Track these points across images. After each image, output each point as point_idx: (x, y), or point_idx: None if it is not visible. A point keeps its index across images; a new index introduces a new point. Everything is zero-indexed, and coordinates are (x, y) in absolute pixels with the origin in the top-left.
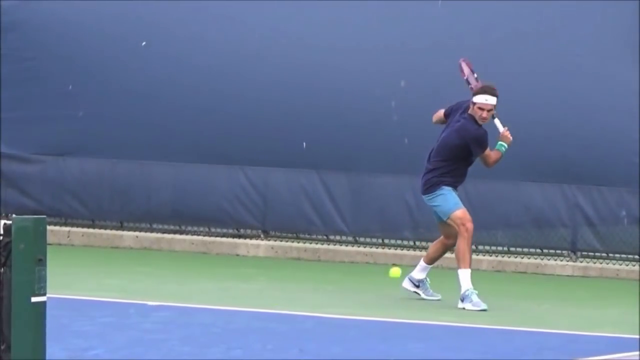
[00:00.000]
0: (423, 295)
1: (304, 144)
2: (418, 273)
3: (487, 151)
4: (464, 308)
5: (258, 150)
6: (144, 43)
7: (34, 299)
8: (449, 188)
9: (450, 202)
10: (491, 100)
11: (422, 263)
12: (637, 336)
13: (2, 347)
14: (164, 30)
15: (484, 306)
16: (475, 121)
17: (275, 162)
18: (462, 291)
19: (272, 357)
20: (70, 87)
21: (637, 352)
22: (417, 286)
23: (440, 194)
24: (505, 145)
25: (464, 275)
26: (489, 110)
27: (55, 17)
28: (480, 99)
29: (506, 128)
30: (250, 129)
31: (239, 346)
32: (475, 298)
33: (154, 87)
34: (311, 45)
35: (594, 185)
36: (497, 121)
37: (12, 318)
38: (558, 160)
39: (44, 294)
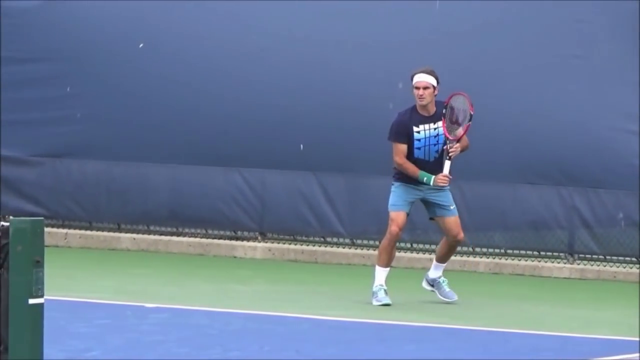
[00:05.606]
0: (438, 295)
1: (301, 145)
2: (432, 272)
3: (401, 149)
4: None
5: (255, 152)
6: (141, 45)
7: (31, 301)
8: (399, 184)
9: (392, 199)
10: (423, 77)
11: (434, 262)
12: (635, 338)
13: (0, 349)
14: (161, 31)
15: (386, 301)
16: (412, 112)
17: (273, 164)
18: (373, 287)
19: (268, 359)
20: (69, 89)
21: (635, 354)
22: (432, 285)
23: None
24: (428, 181)
25: (377, 272)
26: (424, 88)
27: (52, 20)
28: (415, 78)
29: (448, 177)
30: (247, 130)
31: (236, 348)
32: (381, 295)
33: (152, 89)
34: (308, 46)
35: (591, 188)
36: (447, 163)
37: (10, 320)
38: (555, 162)
39: (42, 296)
